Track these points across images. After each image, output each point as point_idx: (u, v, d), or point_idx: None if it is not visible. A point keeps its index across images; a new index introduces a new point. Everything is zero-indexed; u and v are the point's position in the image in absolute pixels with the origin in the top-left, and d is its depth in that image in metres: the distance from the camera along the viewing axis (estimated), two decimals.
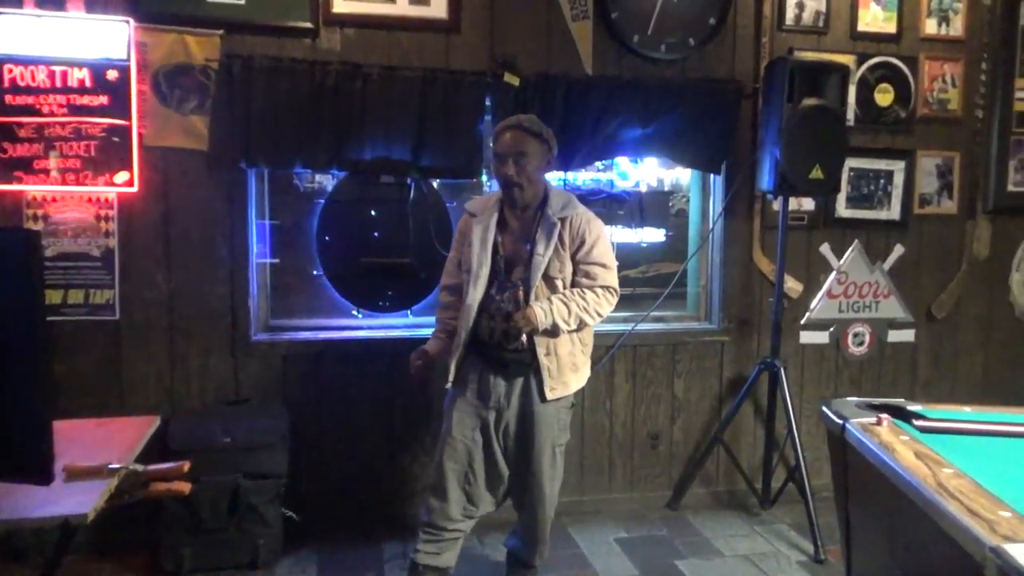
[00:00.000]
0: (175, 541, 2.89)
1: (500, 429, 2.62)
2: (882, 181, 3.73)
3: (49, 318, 2.81)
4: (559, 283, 2.55)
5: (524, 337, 2.50)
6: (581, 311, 2.51)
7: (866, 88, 3.64)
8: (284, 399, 3.19)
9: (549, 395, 2.54)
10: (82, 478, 1.47)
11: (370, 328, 3.41)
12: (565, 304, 2.49)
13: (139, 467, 1.57)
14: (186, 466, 1.61)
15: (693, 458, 3.63)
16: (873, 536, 2.19)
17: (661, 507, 3.60)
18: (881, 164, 3.72)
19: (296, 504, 3.10)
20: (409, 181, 3.28)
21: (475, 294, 2.55)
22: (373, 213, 3.35)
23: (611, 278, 2.59)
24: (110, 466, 1.51)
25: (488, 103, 3.21)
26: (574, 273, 2.57)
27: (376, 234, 3.37)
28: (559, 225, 2.53)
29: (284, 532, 3.04)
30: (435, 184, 3.41)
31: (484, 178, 3.44)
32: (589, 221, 2.58)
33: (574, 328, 2.53)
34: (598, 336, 3.48)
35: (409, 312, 3.46)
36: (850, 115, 3.57)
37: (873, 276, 3.77)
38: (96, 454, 1.58)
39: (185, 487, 1.59)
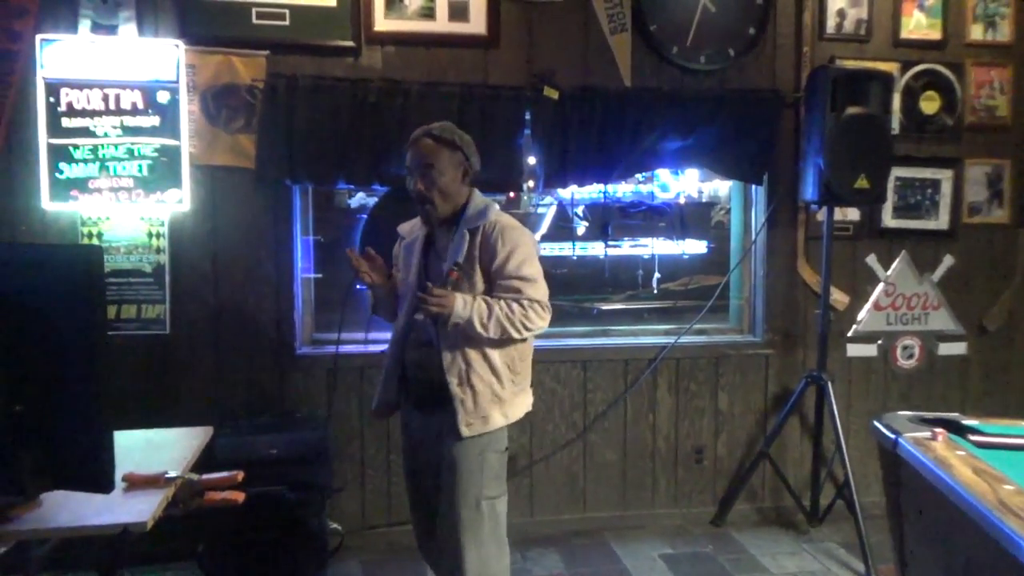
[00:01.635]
0: (220, 552, 2.93)
1: (421, 472, 2.35)
2: (929, 190, 3.65)
3: None
4: None
5: (446, 369, 2.19)
6: (504, 319, 2.17)
7: (911, 96, 3.58)
8: (329, 412, 3.22)
9: (465, 431, 2.18)
10: (141, 487, 1.51)
11: None
12: (488, 305, 2.17)
13: (195, 476, 1.61)
14: (240, 476, 1.64)
15: (738, 473, 3.58)
16: (928, 555, 2.13)
17: (705, 523, 3.54)
18: (927, 173, 3.64)
19: (340, 517, 3.12)
20: None
21: (400, 321, 2.34)
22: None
23: (535, 291, 2.23)
24: (167, 475, 1.55)
25: (527, 117, 3.22)
26: (493, 290, 2.24)
27: None
28: (467, 237, 2.24)
29: (328, 545, 3.06)
30: None
31: (524, 193, 3.45)
32: (503, 230, 2.23)
33: (494, 336, 2.17)
34: (640, 349, 3.50)
35: None
36: (895, 124, 3.50)
37: (922, 287, 3.68)
38: (152, 464, 1.61)
39: (239, 496, 1.61)
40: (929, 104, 3.60)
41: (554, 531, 3.42)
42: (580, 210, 3.71)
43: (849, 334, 3.65)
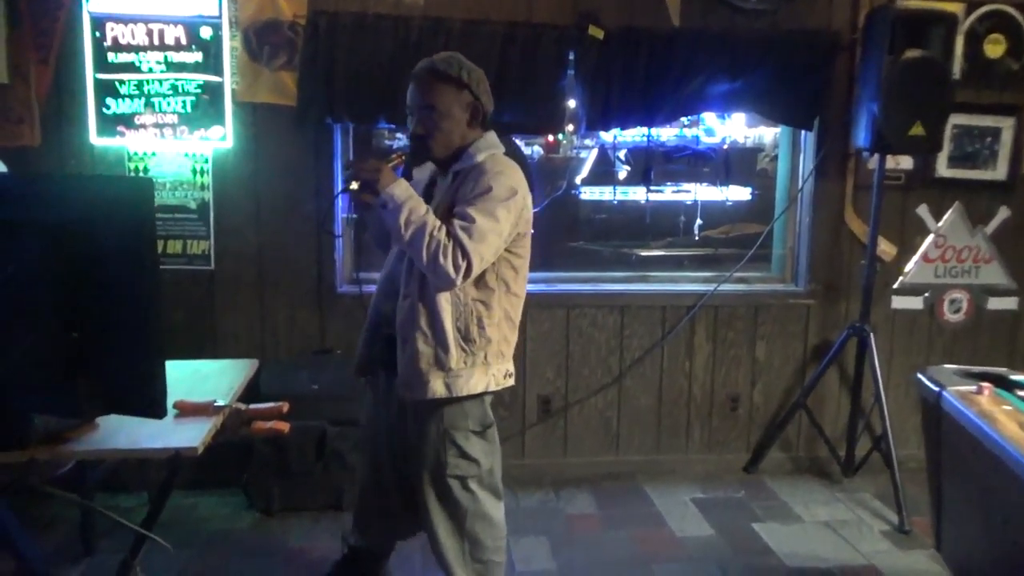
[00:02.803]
0: (265, 481, 3.05)
1: (395, 437, 2.12)
2: (988, 139, 3.50)
3: None
4: None
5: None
6: (428, 231, 1.86)
7: (975, 39, 3.40)
8: None
9: (400, 390, 2.00)
10: (191, 414, 1.57)
11: None
12: (425, 212, 1.89)
13: (242, 406, 1.66)
14: (285, 407, 1.69)
15: (774, 422, 3.57)
16: (967, 508, 2.12)
17: (738, 470, 3.56)
18: (988, 121, 3.49)
19: None
20: None
21: (382, 271, 2.14)
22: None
23: (468, 236, 1.87)
24: (216, 404, 1.60)
25: (571, 57, 3.15)
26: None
27: None
28: (451, 181, 2.03)
29: None
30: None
31: (563, 136, 3.40)
32: (484, 172, 1.97)
33: (407, 236, 1.86)
34: (678, 296, 3.48)
35: None
36: (956, 68, 3.35)
37: (974, 240, 3.57)
38: (201, 393, 1.67)
39: (284, 427, 1.66)
40: (994, 48, 3.42)
41: (587, 473, 3.47)
42: (622, 154, 3.66)
43: (895, 286, 3.57)
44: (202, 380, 1.82)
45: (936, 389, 2.05)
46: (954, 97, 3.21)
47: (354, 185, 1.87)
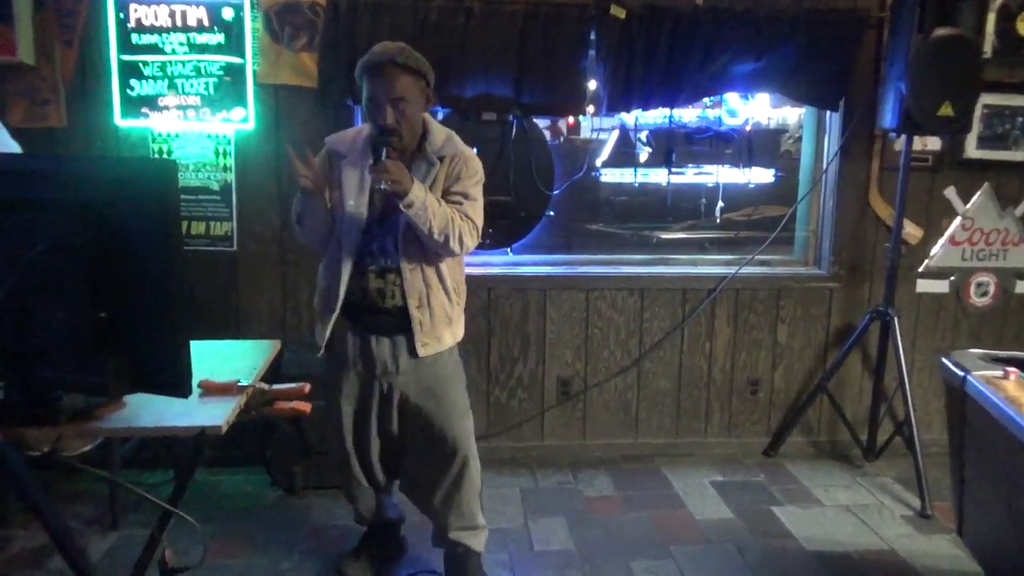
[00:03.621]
0: (287, 460, 3.09)
1: (394, 399, 2.32)
2: (1020, 119, 3.42)
3: None
4: None
5: (400, 289, 2.20)
6: (449, 219, 2.14)
7: (1007, 16, 3.31)
8: None
9: (421, 351, 2.24)
10: (215, 393, 1.59)
11: (469, 265, 3.44)
12: (438, 202, 2.15)
13: (265, 386, 1.68)
14: (307, 387, 1.70)
15: (794, 406, 3.55)
16: (990, 493, 2.10)
17: (758, 454, 3.55)
18: (1020, 100, 3.41)
19: None
20: (511, 118, 3.26)
21: (348, 247, 2.22)
22: (474, 150, 3.36)
23: (475, 213, 2.23)
24: (240, 383, 1.63)
25: (592, 37, 3.12)
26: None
27: None
28: (438, 165, 2.23)
29: None
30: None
31: (584, 117, 3.38)
32: (468, 160, 2.27)
33: (436, 232, 2.12)
34: (699, 279, 3.45)
35: (509, 250, 3.48)
36: (987, 46, 3.27)
37: (1003, 222, 3.51)
38: (224, 373, 1.69)
39: (305, 407, 1.68)
40: None
41: (605, 455, 3.48)
42: (643, 135, 3.62)
43: (920, 269, 3.52)
44: (226, 360, 1.85)
45: (961, 373, 2.03)
46: (984, 76, 3.14)
47: (384, 186, 2.06)
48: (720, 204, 3.70)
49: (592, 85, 3.17)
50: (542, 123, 3.41)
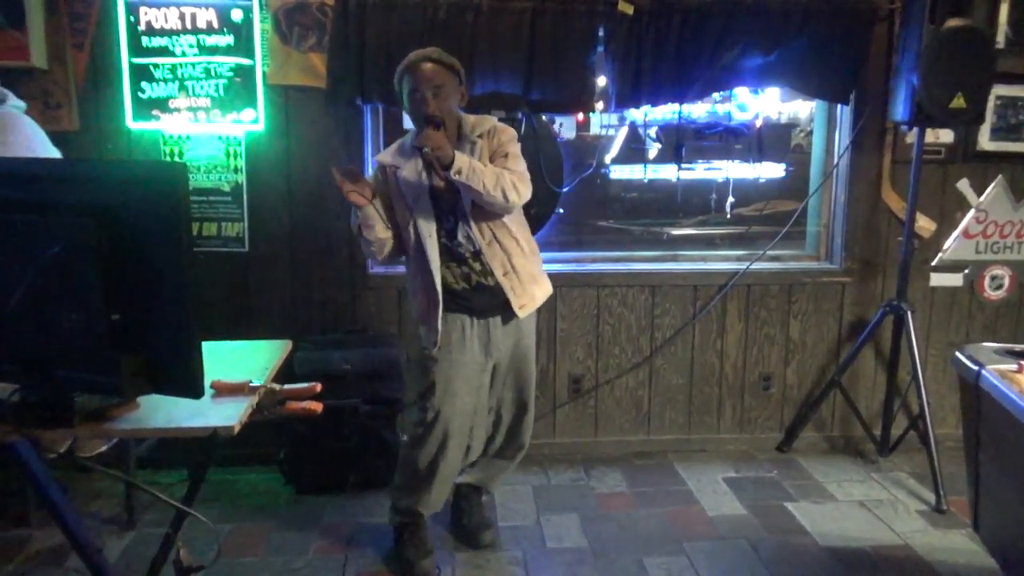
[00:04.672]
0: (300, 459, 3.11)
1: (500, 373, 2.59)
2: None
3: None
4: None
5: (474, 235, 2.37)
6: (499, 176, 2.29)
7: (1020, 7, 3.28)
8: (399, 330, 3.31)
9: (520, 313, 2.46)
10: (227, 394, 1.60)
11: None
12: (482, 165, 2.31)
13: (276, 386, 1.69)
14: (318, 387, 1.71)
15: (807, 401, 3.54)
16: (1006, 488, 2.09)
17: (771, 449, 3.54)
18: None
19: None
20: (520, 115, 3.26)
21: (432, 248, 2.39)
22: None
23: (518, 165, 2.40)
24: (252, 384, 1.64)
25: (600, 34, 3.11)
26: None
27: None
28: (479, 143, 2.41)
29: (399, 454, 3.19)
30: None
31: (594, 113, 3.37)
32: (501, 129, 2.47)
33: (492, 190, 2.27)
34: (710, 275, 3.45)
35: None
36: (1000, 37, 3.23)
37: (1017, 215, 3.48)
38: (236, 373, 1.70)
39: (317, 407, 1.69)
40: None
41: (618, 452, 3.48)
42: (653, 131, 3.60)
43: (933, 263, 3.50)
44: (238, 360, 1.86)
45: (975, 367, 2.02)
46: (998, 67, 3.10)
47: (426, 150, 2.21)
48: (731, 199, 3.68)
49: (601, 81, 3.16)
50: (562, 117, 3.41)
